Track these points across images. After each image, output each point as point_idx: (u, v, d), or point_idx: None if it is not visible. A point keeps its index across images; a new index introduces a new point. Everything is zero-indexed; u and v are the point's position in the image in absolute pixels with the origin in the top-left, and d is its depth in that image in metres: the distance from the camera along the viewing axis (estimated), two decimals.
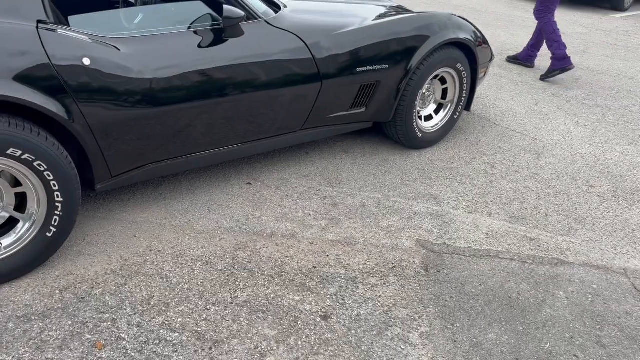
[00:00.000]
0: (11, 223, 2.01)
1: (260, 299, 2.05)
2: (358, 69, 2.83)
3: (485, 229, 2.65)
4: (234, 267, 2.21)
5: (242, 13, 2.30)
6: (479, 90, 4.49)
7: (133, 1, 3.01)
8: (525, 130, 3.81)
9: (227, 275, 2.16)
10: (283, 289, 2.11)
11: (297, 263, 2.27)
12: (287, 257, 2.30)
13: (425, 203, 2.82)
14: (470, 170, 3.21)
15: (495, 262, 2.41)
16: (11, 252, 1.97)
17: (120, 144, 2.16)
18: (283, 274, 2.20)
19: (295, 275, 2.19)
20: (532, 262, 2.43)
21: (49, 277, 2.06)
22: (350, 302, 2.08)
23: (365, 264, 2.31)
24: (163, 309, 1.96)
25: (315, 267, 2.25)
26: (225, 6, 2.26)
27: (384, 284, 2.20)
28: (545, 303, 2.18)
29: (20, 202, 2.01)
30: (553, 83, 4.86)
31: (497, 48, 5.84)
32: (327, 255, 2.34)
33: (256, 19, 2.50)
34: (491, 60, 3.65)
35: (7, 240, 1.98)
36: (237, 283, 2.12)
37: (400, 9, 3.48)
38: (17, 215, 1.99)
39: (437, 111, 3.46)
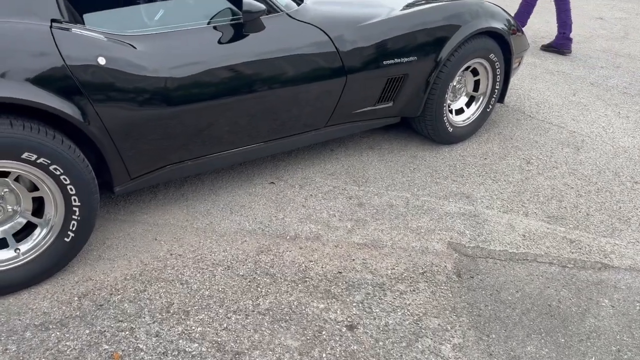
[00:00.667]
0: (29, 228, 1.97)
1: (282, 306, 1.96)
2: (385, 62, 2.70)
3: (521, 230, 2.50)
4: (256, 272, 2.12)
5: (263, 6, 2.20)
6: (513, 80, 4.28)
7: None
8: (563, 123, 3.61)
9: (249, 281, 2.08)
10: (307, 296, 2.02)
11: (322, 268, 2.17)
12: (311, 261, 2.21)
13: (456, 202, 2.68)
14: (505, 167, 3.05)
15: (532, 266, 2.26)
16: (30, 258, 1.93)
17: (138, 145, 2.09)
18: (307, 279, 2.10)
19: (319, 281, 2.10)
20: (573, 267, 2.27)
21: (67, 283, 2.01)
22: (377, 310, 1.97)
23: (394, 268, 2.19)
24: (182, 317, 1.89)
25: (340, 272, 2.15)
26: (244, 0, 2.15)
27: (414, 290, 2.08)
28: (588, 312, 2.03)
29: (39, 207, 1.97)
30: (592, 72, 4.61)
31: (530, 36, 5.59)
32: (353, 259, 2.23)
33: (278, 12, 2.39)
34: (526, 49, 3.45)
35: (25, 246, 1.94)
36: (259, 289, 2.04)
37: None
38: (34, 220, 1.95)
39: (468, 104, 3.30)
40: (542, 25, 6.16)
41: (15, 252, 1.92)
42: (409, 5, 2.94)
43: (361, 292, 2.05)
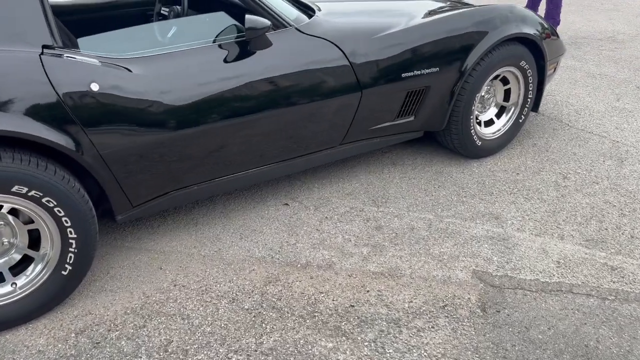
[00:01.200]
0: (27, 261, 1.90)
1: (287, 345, 1.82)
2: (404, 75, 2.53)
3: (555, 255, 2.27)
4: (261, 306, 1.99)
5: (268, 22, 2.07)
6: (549, 87, 4.01)
7: (166, 13, 2.88)
8: (605, 132, 3.33)
9: (254, 316, 1.94)
10: (315, 334, 1.87)
11: (333, 300, 2.02)
12: (321, 293, 2.06)
13: (484, 224, 2.48)
14: (539, 183, 2.81)
15: (568, 298, 2.03)
16: (26, 293, 1.87)
17: (137, 172, 2.00)
18: (316, 314, 1.95)
19: (329, 316, 1.94)
20: (615, 299, 2.03)
21: (66, 317, 1.94)
22: (391, 350, 1.80)
23: (411, 301, 2.02)
24: (181, 357, 1.78)
25: (352, 306, 1.99)
26: (247, 16, 2.03)
27: (433, 327, 1.90)
28: (631, 353, 1.80)
29: (36, 239, 1.90)
30: (638, 74, 4.27)
31: (570, 36, 5.27)
32: (368, 291, 2.07)
33: (286, 27, 2.26)
34: (562, 53, 3.20)
35: (21, 281, 1.87)
36: (263, 325, 1.90)
37: (455, 3, 3.12)
38: (31, 253, 1.88)
39: (498, 115, 3.08)
40: (583, 24, 5.81)
41: (11, 286, 1.86)
42: (431, 13, 2.76)
43: (374, 329, 1.89)
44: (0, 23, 1.70)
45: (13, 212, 1.82)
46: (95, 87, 1.80)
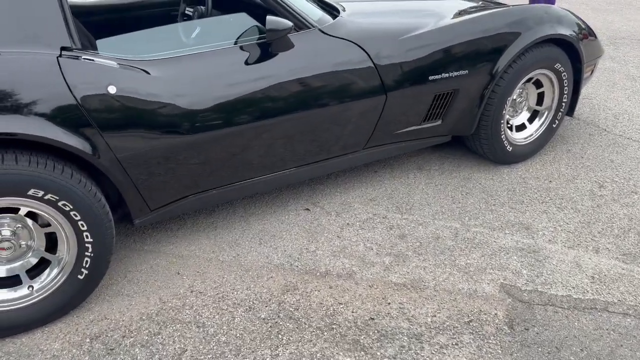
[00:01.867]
0: (44, 264, 1.89)
1: (304, 359, 1.76)
2: (431, 77, 2.44)
3: (590, 270, 2.14)
4: (278, 316, 1.93)
5: (289, 23, 2.01)
6: (585, 89, 3.84)
7: (190, 14, 2.85)
8: None
9: (270, 326, 1.89)
10: (332, 347, 1.80)
11: (352, 312, 1.94)
12: (340, 304, 1.98)
13: (514, 235, 2.36)
14: (573, 191, 2.67)
15: (602, 317, 1.91)
16: (43, 296, 1.85)
17: (155, 176, 1.97)
18: (334, 326, 1.88)
19: (348, 329, 1.87)
20: None
21: (82, 321, 1.92)
22: None
23: (435, 315, 1.93)
24: None
25: (372, 319, 1.91)
26: (268, 17, 1.98)
27: (456, 344, 1.81)
28: None
29: (53, 243, 1.88)
30: None
31: (609, 37, 5.06)
32: (389, 303, 1.98)
33: (308, 28, 2.19)
34: (600, 55, 3.05)
35: (38, 284, 1.86)
36: (280, 336, 1.84)
37: (488, 2, 3.00)
38: (48, 256, 1.87)
39: (531, 119, 2.95)
40: (622, 24, 5.57)
41: (28, 289, 1.85)
42: (460, 13, 2.66)
43: (394, 345, 1.81)
44: (18, 24, 1.69)
45: (31, 215, 1.80)
46: (112, 89, 1.77)
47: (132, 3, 3.01)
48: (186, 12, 2.92)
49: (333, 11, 2.44)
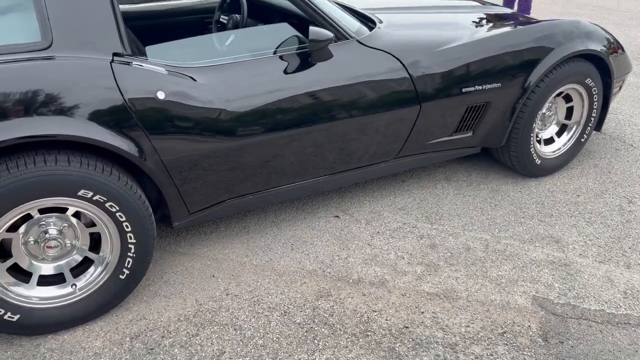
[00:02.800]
0: (87, 263, 1.94)
1: None
2: (464, 90, 2.46)
3: (622, 285, 2.15)
4: (313, 321, 1.96)
5: (330, 34, 2.06)
6: (612, 104, 3.84)
7: (225, 21, 2.90)
8: None
9: (306, 331, 1.92)
10: (368, 354, 1.82)
11: (386, 320, 1.97)
12: (374, 311, 2.01)
13: (544, 248, 2.37)
14: (602, 206, 2.68)
15: (637, 333, 1.92)
16: (86, 294, 1.90)
17: (197, 179, 2.01)
18: (369, 333, 1.91)
19: (382, 336, 1.89)
20: None
21: (122, 320, 1.96)
22: None
23: (468, 326, 1.95)
24: None
25: (407, 327, 1.93)
26: (311, 28, 2.02)
27: (491, 355, 1.82)
28: None
29: (96, 242, 1.93)
30: None
31: (632, 52, 5.06)
32: (422, 312, 2.01)
33: (347, 39, 2.23)
34: (629, 71, 3.06)
35: (81, 282, 1.90)
36: (315, 342, 1.87)
37: (518, 17, 3.03)
38: (91, 255, 1.91)
39: (559, 133, 2.97)
40: None
41: (71, 287, 1.89)
42: (494, 27, 2.69)
43: (430, 354, 1.83)
44: (74, 31, 1.74)
45: (76, 214, 1.85)
46: (161, 95, 1.82)
47: (166, 10, 3.08)
48: (221, 19, 2.98)
49: (369, 23, 2.48)
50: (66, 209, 1.81)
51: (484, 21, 2.76)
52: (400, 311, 2.01)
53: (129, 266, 1.91)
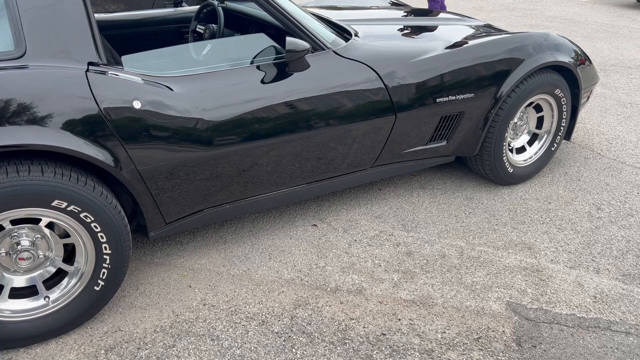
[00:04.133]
0: (60, 275, 1.91)
1: None
2: (438, 100, 2.51)
3: (592, 290, 2.22)
4: (291, 330, 1.96)
5: (307, 45, 2.08)
6: (580, 114, 3.95)
7: (201, 31, 2.91)
8: (639, 162, 3.27)
9: (284, 340, 1.92)
10: None
11: (364, 328, 1.98)
12: (352, 319, 2.02)
13: (517, 254, 2.43)
14: (572, 213, 2.76)
15: (606, 336, 1.98)
16: (59, 307, 1.86)
17: (173, 189, 2.00)
18: (347, 341, 1.92)
19: (360, 344, 1.91)
20: None
21: (96, 333, 1.93)
22: None
23: (444, 332, 1.97)
24: None
25: (384, 334, 1.95)
26: (288, 38, 2.04)
27: None
28: None
29: (70, 254, 1.90)
30: None
31: (599, 63, 5.23)
32: (399, 319, 2.03)
33: (324, 49, 2.26)
34: (596, 82, 3.17)
35: (54, 294, 1.87)
36: (294, 350, 1.87)
37: (490, 29, 3.11)
38: (65, 267, 1.88)
39: (530, 142, 3.04)
40: (611, 52, 5.76)
41: (44, 300, 1.86)
42: (467, 39, 2.76)
43: None
44: (48, 39, 1.73)
45: (49, 225, 1.82)
46: (137, 104, 1.81)
47: (142, 19, 3.07)
48: (197, 29, 2.98)
49: (345, 34, 2.52)
50: (39, 220, 1.78)
51: (457, 33, 2.82)
52: (378, 318, 2.03)
53: (104, 277, 1.89)
